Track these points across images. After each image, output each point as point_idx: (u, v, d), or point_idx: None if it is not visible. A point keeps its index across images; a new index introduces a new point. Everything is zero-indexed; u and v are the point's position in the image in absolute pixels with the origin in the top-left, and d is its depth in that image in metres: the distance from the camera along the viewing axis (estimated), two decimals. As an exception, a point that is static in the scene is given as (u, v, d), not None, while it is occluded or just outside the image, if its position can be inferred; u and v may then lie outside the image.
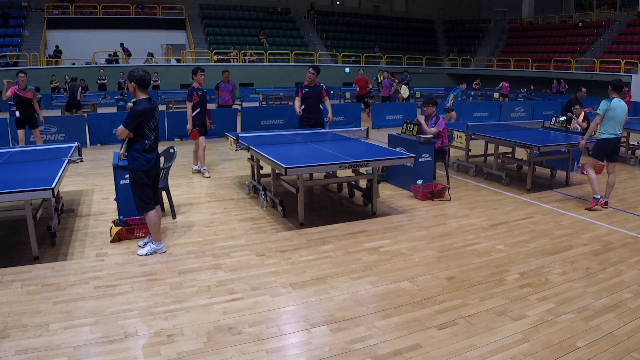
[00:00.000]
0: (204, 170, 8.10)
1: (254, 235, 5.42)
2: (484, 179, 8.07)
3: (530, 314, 3.71)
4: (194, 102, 7.73)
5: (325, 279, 4.33)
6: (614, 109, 6.24)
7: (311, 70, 7.88)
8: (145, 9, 26.95)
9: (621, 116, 6.30)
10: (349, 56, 28.99)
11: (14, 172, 5.30)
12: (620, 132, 6.40)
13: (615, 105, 6.25)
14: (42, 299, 3.92)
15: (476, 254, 4.93)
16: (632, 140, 10.15)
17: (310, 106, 7.89)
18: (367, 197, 6.43)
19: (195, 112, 7.79)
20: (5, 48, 22.35)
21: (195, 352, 3.22)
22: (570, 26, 29.27)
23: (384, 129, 13.74)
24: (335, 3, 33.97)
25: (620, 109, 6.28)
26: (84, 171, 8.53)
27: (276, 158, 5.64)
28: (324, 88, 8.01)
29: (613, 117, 6.26)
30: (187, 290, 4.11)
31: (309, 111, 7.91)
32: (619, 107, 6.27)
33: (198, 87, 7.84)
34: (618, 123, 6.31)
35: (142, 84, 4.59)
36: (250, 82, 25.09)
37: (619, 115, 6.27)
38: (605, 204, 6.57)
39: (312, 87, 7.88)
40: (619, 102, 6.30)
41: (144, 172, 4.64)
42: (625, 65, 22.53)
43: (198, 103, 7.79)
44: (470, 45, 32.92)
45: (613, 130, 6.31)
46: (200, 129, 7.91)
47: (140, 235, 5.25)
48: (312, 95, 7.85)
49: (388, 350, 3.24)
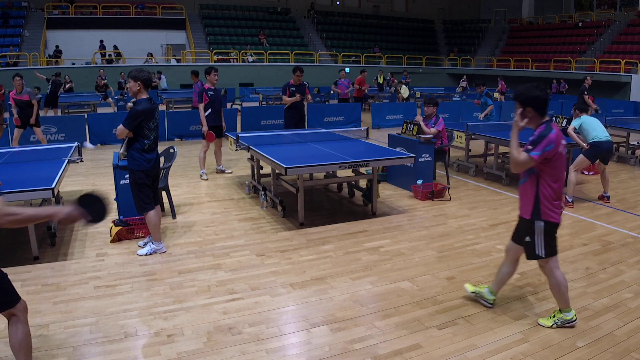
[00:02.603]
0: (202, 172, 8.03)
1: (254, 235, 5.42)
2: (484, 179, 8.07)
3: (530, 314, 3.71)
4: (204, 102, 7.68)
5: (325, 279, 4.34)
6: (586, 122, 6.56)
7: (299, 72, 8.61)
8: (145, 9, 26.94)
9: (596, 123, 6.58)
10: (349, 56, 28.99)
11: (14, 172, 5.30)
12: (609, 135, 6.58)
13: (585, 119, 6.60)
14: (42, 299, 3.93)
15: (476, 254, 4.93)
16: (632, 140, 10.13)
17: (296, 103, 8.61)
18: (367, 197, 6.43)
19: (207, 112, 7.72)
20: (5, 48, 22.34)
21: (195, 352, 3.22)
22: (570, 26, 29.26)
23: (384, 129, 13.74)
24: (335, 3, 33.96)
25: (591, 119, 6.64)
26: (84, 171, 8.53)
27: (276, 158, 5.64)
28: (307, 86, 8.81)
29: (591, 126, 6.52)
30: (187, 290, 4.11)
31: (296, 106, 8.64)
32: (589, 119, 6.62)
33: (209, 87, 7.76)
34: (600, 128, 6.53)
35: (148, 84, 4.63)
36: (250, 82, 25.08)
37: (593, 123, 6.56)
38: (607, 199, 6.78)
39: (297, 85, 8.59)
40: (587, 117, 6.66)
41: (143, 172, 4.64)
42: (625, 65, 22.52)
43: (209, 103, 7.74)
44: (470, 45, 32.91)
45: (602, 134, 6.48)
46: (212, 130, 7.74)
47: (140, 235, 5.25)
48: (298, 93, 8.55)
49: (388, 350, 3.24)
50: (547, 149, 3.20)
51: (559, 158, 3.29)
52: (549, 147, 3.20)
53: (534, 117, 3.33)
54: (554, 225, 3.36)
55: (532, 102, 3.29)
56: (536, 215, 3.34)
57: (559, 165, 3.31)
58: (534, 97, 3.29)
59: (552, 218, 3.33)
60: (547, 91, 3.00)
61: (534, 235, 3.38)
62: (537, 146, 3.22)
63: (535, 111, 3.31)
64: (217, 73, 7.94)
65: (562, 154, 3.32)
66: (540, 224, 3.33)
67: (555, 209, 3.32)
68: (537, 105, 3.30)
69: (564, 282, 3.47)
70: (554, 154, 3.23)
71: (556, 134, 3.26)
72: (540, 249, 3.37)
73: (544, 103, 3.32)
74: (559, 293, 3.49)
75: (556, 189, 3.32)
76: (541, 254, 3.39)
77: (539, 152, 3.21)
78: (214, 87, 7.86)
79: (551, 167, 3.28)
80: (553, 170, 3.29)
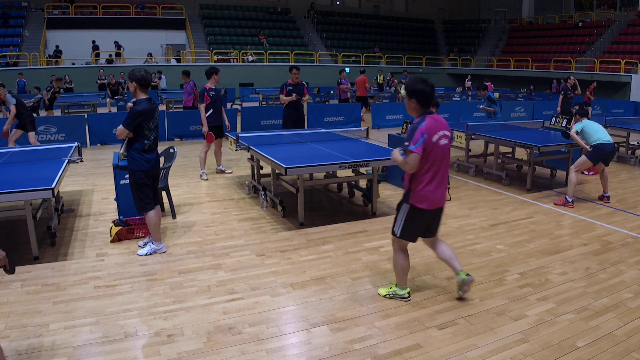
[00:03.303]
0: (202, 173, 8.04)
1: (254, 235, 5.42)
2: (484, 179, 8.07)
3: (530, 314, 3.71)
4: (206, 103, 7.67)
5: (325, 279, 4.34)
6: (587, 125, 6.60)
7: (295, 71, 8.57)
8: (145, 9, 26.95)
9: (597, 126, 6.62)
10: (349, 56, 28.99)
11: (14, 172, 5.30)
12: (611, 138, 6.61)
13: (586, 123, 6.64)
14: (42, 299, 3.93)
15: (476, 254, 4.93)
16: (632, 140, 10.13)
17: (293, 102, 8.55)
18: (367, 197, 6.43)
19: (208, 113, 7.71)
20: (5, 48, 22.35)
21: (195, 352, 3.22)
22: (570, 26, 29.27)
23: (384, 129, 13.74)
24: (335, 3, 33.97)
25: (592, 123, 6.67)
26: (84, 171, 8.53)
27: (276, 158, 5.64)
28: (306, 86, 8.71)
29: (593, 129, 6.56)
30: (187, 290, 4.11)
31: (294, 106, 8.60)
32: (590, 122, 6.66)
33: (210, 87, 7.74)
34: (602, 131, 6.57)
35: (143, 84, 4.60)
36: (250, 82, 25.08)
37: (594, 126, 6.60)
38: (607, 199, 6.78)
39: (295, 85, 8.56)
40: (588, 121, 6.69)
41: (143, 172, 4.64)
42: (625, 65, 22.53)
43: (210, 104, 7.72)
44: (470, 45, 32.92)
45: (604, 137, 6.51)
46: (213, 130, 7.74)
47: (140, 235, 5.25)
48: (295, 92, 8.51)
49: (388, 350, 3.24)
50: (421, 140, 3.46)
51: (433, 148, 3.49)
52: (423, 138, 3.46)
53: (416, 108, 3.60)
54: (419, 211, 3.62)
55: (416, 94, 3.55)
56: (406, 198, 3.67)
57: (432, 156, 3.51)
58: (418, 90, 3.54)
59: (418, 204, 3.60)
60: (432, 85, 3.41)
61: (398, 214, 3.75)
62: (411, 140, 3.48)
63: (417, 103, 3.57)
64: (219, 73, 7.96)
65: (437, 144, 3.52)
66: (407, 207, 3.65)
67: (426, 196, 3.57)
68: (419, 98, 3.55)
69: (403, 264, 3.83)
70: (429, 142, 3.47)
71: (427, 125, 3.49)
72: (398, 227, 3.73)
73: (426, 96, 3.56)
74: (396, 270, 3.89)
75: (429, 178, 3.55)
76: (396, 232, 3.75)
77: (416, 145, 3.46)
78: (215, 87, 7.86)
79: (424, 158, 3.50)
80: (426, 159, 3.50)
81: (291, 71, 8.56)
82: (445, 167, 3.65)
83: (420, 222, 3.70)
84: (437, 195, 3.62)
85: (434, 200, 3.60)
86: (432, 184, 3.57)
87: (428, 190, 3.56)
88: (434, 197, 3.60)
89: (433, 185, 3.57)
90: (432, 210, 3.66)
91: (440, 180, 3.61)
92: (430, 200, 3.59)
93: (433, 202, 3.61)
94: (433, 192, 3.58)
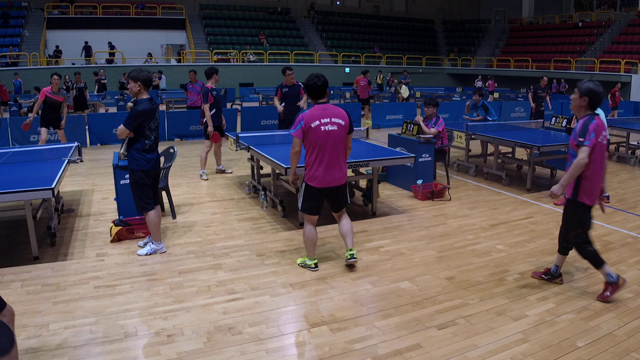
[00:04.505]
0: (202, 172, 8.03)
1: (254, 235, 5.42)
2: (484, 179, 8.07)
3: (530, 314, 3.71)
4: (210, 102, 7.68)
5: (325, 279, 4.34)
6: None
7: (289, 72, 8.32)
8: (145, 9, 26.95)
9: None
10: (349, 56, 29.00)
11: (14, 172, 5.30)
12: None
13: None
14: (42, 299, 3.93)
15: (476, 254, 4.93)
16: (632, 140, 10.13)
17: (290, 104, 8.32)
18: (367, 197, 6.43)
19: (211, 112, 7.72)
20: (5, 48, 22.35)
21: (195, 352, 3.22)
22: (570, 26, 29.28)
23: (384, 129, 13.75)
24: (335, 3, 33.97)
25: None
26: (84, 171, 8.53)
27: (276, 158, 5.64)
28: (302, 87, 8.34)
29: None
30: (187, 290, 4.11)
31: (290, 108, 8.33)
32: None
33: (212, 88, 7.77)
34: None
35: (148, 84, 4.62)
36: (250, 82, 25.09)
37: None
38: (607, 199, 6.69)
39: (291, 86, 8.32)
40: None
41: (144, 172, 4.64)
42: (625, 65, 22.53)
43: (214, 103, 7.75)
44: (470, 45, 32.92)
45: None
46: (215, 130, 7.77)
47: (140, 235, 5.25)
48: (291, 94, 8.33)
49: (388, 350, 3.24)
50: (299, 126, 4.15)
51: (312, 133, 4.13)
52: (300, 124, 4.14)
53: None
54: (310, 189, 4.29)
55: (306, 90, 4.28)
56: (303, 178, 4.36)
57: (313, 139, 4.14)
58: (309, 86, 4.24)
59: (310, 182, 4.28)
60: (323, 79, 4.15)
61: (300, 191, 4.47)
62: (295, 126, 4.19)
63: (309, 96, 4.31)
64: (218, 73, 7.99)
65: (317, 130, 4.12)
66: (304, 185, 4.35)
67: (313, 176, 4.22)
68: (309, 92, 4.27)
69: (310, 237, 4.40)
70: (306, 128, 4.14)
71: (305, 114, 4.16)
72: (299, 202, 4.43)
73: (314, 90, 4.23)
74: (305, 243, 4.49)
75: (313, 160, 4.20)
76: (299, 207, 4.43)
77: (295, 129, 4.19)
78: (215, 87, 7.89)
79: (307, 141, 4.19)
80: (308, 143, 4.19)
81: (285, 73, 8.32)
82: (330, 151, 4.19)
83: (315, 198, 4.32)
84: (327, 177, 4.22)
85: (323, 180, 4.22)
86: (317, 163, 4.21)
87: (316, 172, 4.21)
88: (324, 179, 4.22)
89: (319, 164, 4.20)
90: (324, 189, 4.28)
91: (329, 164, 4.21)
92: (320, 180, 4.22)
93: (322, 182, 4.23)
94: (321, 173, 4.21)
